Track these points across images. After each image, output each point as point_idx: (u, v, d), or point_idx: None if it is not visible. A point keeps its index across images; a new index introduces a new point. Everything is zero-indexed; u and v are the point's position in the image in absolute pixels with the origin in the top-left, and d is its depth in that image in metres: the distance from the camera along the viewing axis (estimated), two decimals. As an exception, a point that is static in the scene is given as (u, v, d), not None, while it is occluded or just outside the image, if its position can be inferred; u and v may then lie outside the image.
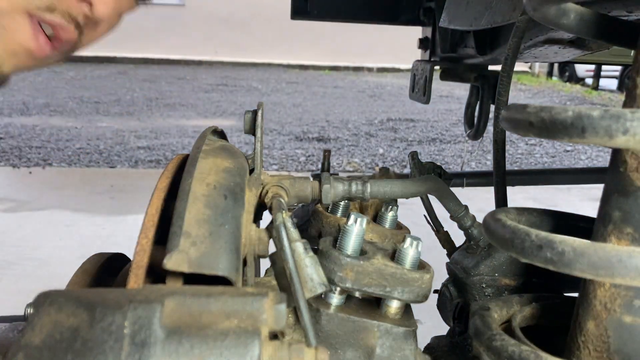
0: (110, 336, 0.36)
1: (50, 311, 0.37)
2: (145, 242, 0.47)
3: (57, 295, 0.38)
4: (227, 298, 0.39)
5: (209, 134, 0.63)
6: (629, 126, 0.42)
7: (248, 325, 0.38)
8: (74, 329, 0.36)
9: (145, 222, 0.49)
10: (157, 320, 0.36)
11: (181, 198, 0.49)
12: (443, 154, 5.90)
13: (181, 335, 0.36)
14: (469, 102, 2.03)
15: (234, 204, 0.51)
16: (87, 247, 3.09)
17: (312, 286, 0.51)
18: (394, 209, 0.68)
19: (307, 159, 5.53)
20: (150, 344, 0.36)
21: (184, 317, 0.38)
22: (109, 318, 0.36)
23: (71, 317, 0.37)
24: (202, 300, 0.39)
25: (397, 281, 0.57)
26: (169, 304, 0.38)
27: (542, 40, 1.09)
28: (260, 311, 0.39)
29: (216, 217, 0.48)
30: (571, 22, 0.60)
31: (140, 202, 0.52)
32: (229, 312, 0.39)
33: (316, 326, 0.58)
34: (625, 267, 0.43)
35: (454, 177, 1.74)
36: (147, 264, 0.46)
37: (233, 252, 0.46)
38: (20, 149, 5.38)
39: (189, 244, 0.45)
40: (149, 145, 5.82)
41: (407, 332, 0.58)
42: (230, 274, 0.45)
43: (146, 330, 0.36)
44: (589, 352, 0.53)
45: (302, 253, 0.52)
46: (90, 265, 0.58)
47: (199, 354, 0.36)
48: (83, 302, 0.37)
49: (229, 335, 0.37)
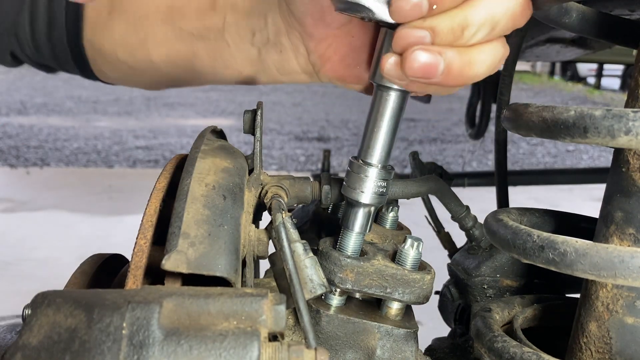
0: (109, 337, 0.35)
1: (48, 312, 0.37)
2: (144, 243, 0.47)
3: (55, 295, 0.38)
4: (226, 299, 0.39)
5: (208, 133, 0.62)
6: (631, 126, 0.42)
7: (247, 327, 0.38)
8: (71, 329, 0.36)
9: (143, 222, 0.49)
10: (155, 321, 0.36)
11: (180, 198, 0.48)
12: (444, 154, 5.91)
13: (180, 336, 0.36)
14: (470, 102, 2.03)
15: (233, 205, 0.50)
16: (85, 247, 3.08)
17: (312, 287, 0.51)
18: (395, 209, 0.67)
19: (307, 159, 5.54)
20: (148, 345, 0.35)
21: (183, 318, 0.38)
22: (107, 319, 0.36)
23: (69, 317, 0.37)
24: (201, 301, 0.38)
25: (397, 282, 0.56)
26: (167, 305, 0.38)
27: (544, 39, 1.08)
28: (260, 312, 0.38)
29: (215, 218, 0.48)
30: (573, 21, 0.59)
31: (139, 202, 0.52)
32: (228, 313, 0.38)
33: (316, 327, 0.57)
34: (627, 267, 0.43)
35: (455, 177, 1.74)
36: (145, 265, 0.46)
37: (232, 253, 0.46)
38: (17, 148, 5.38)
39: (187, 244, 0.44)
40: (147, 145, 5.82)
41: (408, 334, 0.58)
42: (229, 274, 0.44)
43: (144, 332, 0.36)
44: (591, 354, 0.52)
45: (301, 254, 0.51)
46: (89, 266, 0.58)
47: (197, 355, 0.36)
48: (81, 303, 0.37)
49: (228, 337, 0.36)
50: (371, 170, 0.55)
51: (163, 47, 0.76)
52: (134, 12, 0.76)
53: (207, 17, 0.72)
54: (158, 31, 0.75)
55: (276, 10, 0.67)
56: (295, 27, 0.66)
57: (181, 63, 0.77)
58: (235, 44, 0.71)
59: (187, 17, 0.73)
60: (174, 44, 0.75)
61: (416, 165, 0.85)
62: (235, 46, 0.71)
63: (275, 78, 0.74)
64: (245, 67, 0.73)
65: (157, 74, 0.81)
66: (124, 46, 0.78)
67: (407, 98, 0.55)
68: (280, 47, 0.69)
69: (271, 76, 0.74)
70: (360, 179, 0.56)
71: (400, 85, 0.53)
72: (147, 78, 0.84)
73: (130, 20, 0.76)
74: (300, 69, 0.70)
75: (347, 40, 0.64)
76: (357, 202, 0.56)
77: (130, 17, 0.76)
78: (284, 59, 0.70)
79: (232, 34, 0.71)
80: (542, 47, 1.14)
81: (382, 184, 0.56)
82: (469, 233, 0.72)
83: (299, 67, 0.70)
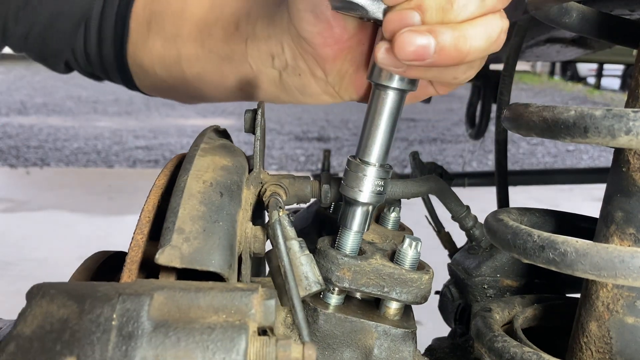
0: (98, 327, 0.36)
1: (42, 303, 0.38)
2: (140, 238, 0.48)
3: (49, 287, 0.39)
4: (216, 293, 0.39)
5: (211, 132, 0.63)
6: (631, 126, 0.42)
7: (236, 320, 0.38)
8: (63, 320, 0.37)
9: (141, 218, 0.50)
10: (145, 313, 0.37)
11: (176, 194, 0.49)
12: (444, 154, 5.91)
13: (168, 328, 0.37)
14: (470, 102, 2.03)
15: (229, 202, 0.51)
16: (85, 247, 3.08)
17: (307, 284, 0.51)
18: (397, 210, 0.67)
19: (306, 159, 5.54)
20: (137, 336, 0.36)
21: (173, 311, 0.38)
22: (97, 310, 0.37)
23: (62, 308, 0.37)
24: (191, 295, 0.39)
25: (395, 282, 0.56)
26: (158, 298, 0.38)
27: (544, 39, 1.08)
28: (249, 306, 0.39)
29: (211, 214, 0.48)
30: (573, 21, 0.59)
31: (139, 202, 0.52)
32: (218, 307, 0.39)
33: (314, 326, 0.57)
34: (627, 267, 0.43)
35: (456, 177, 1.74)
36: (140, 259, 0.47)
37: (226, 249, 0.47)
38: (18, 148, 5.38)
39: (182, 239, 0.45)
40: (147, 145, 5.82)
41: (406, 334, 0.57)
42: (222, 270, 0.45)
43: (134, 323, 0.36)
44: (591, 354, 0.52)
45: (297, 251, 0.51)
46: (92, 262, 0.58)
47: (184, 347, 0.36)
48: (73, 294, 0.38)
49: (216, 329, 0.37)
50: (369, 169, 0.55)
51: (194, 66, 0.80)
52: (169, 30, 0.81)
53: (232, 40, 0.75)
54: (190, 50, 0.79)
55: (288, 35, 0.67)
56: (308, 51, 0.66)
57: (211, 82, 0.81)
58: (258, 68, 0.74)
59: (214, 38, 0.77)
60: (204, 64, 0.79)
61: (416, 165, 0.85)
62: (258, 69, 0.74)
63: (299, 99, 0.75)
64: (269, 88, 0.76)
65: (191, 89, 0.85)
66: (161, 63, 0.84)
67: (404, 97, 0.55)
68: (299, 71, 0.70)
69: (294, 97, 0.75)
70: (358, 178, 0.56)
71: (398, 74, 0.52)
72: (182, 93, 0.90)
73: (166, 38, 0.82)
74: (322, 90, 0.70)
75: (360, 49, 0.64)
76: (355, 200, 0.56)
77: (166, 35, 0.82)
78: (304, 82, 0.70)
79: (254, 58, 0.73)
80: (542, 47, 1.14)
81: (380, 182, 0.56)
82: (469, 233, 0.72)
83: (320, 90, 0.70)
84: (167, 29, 0.82)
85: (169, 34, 0.82)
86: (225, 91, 0.83)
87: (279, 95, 0.77)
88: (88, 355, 0.35)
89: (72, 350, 0.35)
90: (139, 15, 0.85)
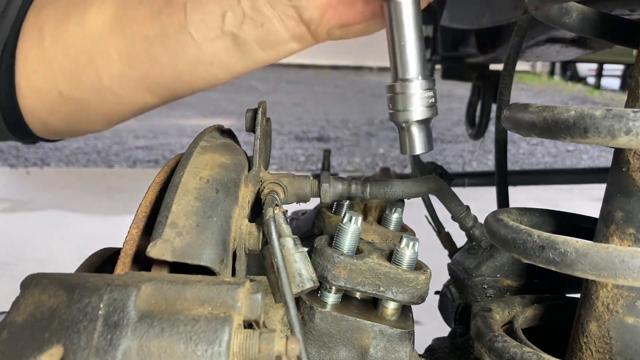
0: (85, 317, 0.37)
1: (34, 292, 0.39)
2: (135, 232, 0.49)
3: (43, 277, 0.40)
4: (203, 286, 0.40)
5: (213, 131, 0.63)
6: (631, 126, 0.42)
7: (220, 313, 0.39)
8: (53, 309, 0.38)
9: (137, 213, 0.51)
10: (132, 303, 0.38)
11: (171, 190, 0.49)
12: (444, 154, 5.90)
13: (153, 318, 0.38)
14: (470, 102, 2.03)
15: (225, 198, 0.51)
16: (85, 247, 3.08)
17: (300, 281, 0.51)
18: (399, 210, 0.67)
19: (307, 159, 5.53)
20: (122, 326, 0.37)
21: (160, 302, 0.39)
22: (85, 299, 0.38)
23: (52, 297, 0.39)
24: (179, 287, 0.40)
25: (391, 281, 0.56)
26: (145, 289, 0.39)
27: (544, 39, 1.09)
28: (235, 300, 0.40)
29: (205, 210, 0.49)
30: (573, 21, 0.59)
31: (139, 202, 0.52)
32: (204, 299, 0.40)
33: (310, 324, 0.57)
34: (627, 267, 0.43)
35: (456, 177, 1.74)
36: (134, 253, 0.47)
37: (219, 244, 0.47)
38: (17, 148, 5.38)
39: (174, 234, 0.46)
40: (148, 145, 5.82)
41: (402, 334, 0.57)
42: (213, 264, 0.45)
43: (120, 313, 0.38)
44: (591, 354, 0.52)
45: (291, 248, 0.52)
46: (96, 258, 0.60)
47: (168, 337, 0.37)
48: (65, 284, 0.39)
49: (200, 321, 0.38)
50: (413, 84, 0.54)
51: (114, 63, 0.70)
52: (72, 34, 0.71)
53: (164, 13, 0.67)
54: (107, 45, 0.70)
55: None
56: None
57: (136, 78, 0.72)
58: (202, 35, 0.66)
59: (139, 21, 0.68)
60: (128, 55, 0.70)
61: (416, 165, 0.85)
62: (201, 37, 0.66)
63: (256, 59, 0.68)
64: (215, 60, 0.68)
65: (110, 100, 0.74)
66: (67, 75, 0.72)
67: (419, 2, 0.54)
68: (261, 20, 0.64)
69: (251, 59, 0.68)
70: (406, 97, 0.54)
71: None
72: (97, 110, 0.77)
73: (70, 44, 0.71)
74: (290, 35, 0.65)
75: None
76: (411, 121, 0.54)
77: (69, 40, 0.71)
78: (267, 31, 0.64)
79: (196, 23, 0.65)
80: (542, 47, 1.14)
81: (430, 94, 0.54)
82: (469, 233, 0.72)
83: (288, 34, 0.65)
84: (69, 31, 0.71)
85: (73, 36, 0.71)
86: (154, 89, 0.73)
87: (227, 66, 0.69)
88: (74, 344, 0.36)
89: (60, 338, 0.37)
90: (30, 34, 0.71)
